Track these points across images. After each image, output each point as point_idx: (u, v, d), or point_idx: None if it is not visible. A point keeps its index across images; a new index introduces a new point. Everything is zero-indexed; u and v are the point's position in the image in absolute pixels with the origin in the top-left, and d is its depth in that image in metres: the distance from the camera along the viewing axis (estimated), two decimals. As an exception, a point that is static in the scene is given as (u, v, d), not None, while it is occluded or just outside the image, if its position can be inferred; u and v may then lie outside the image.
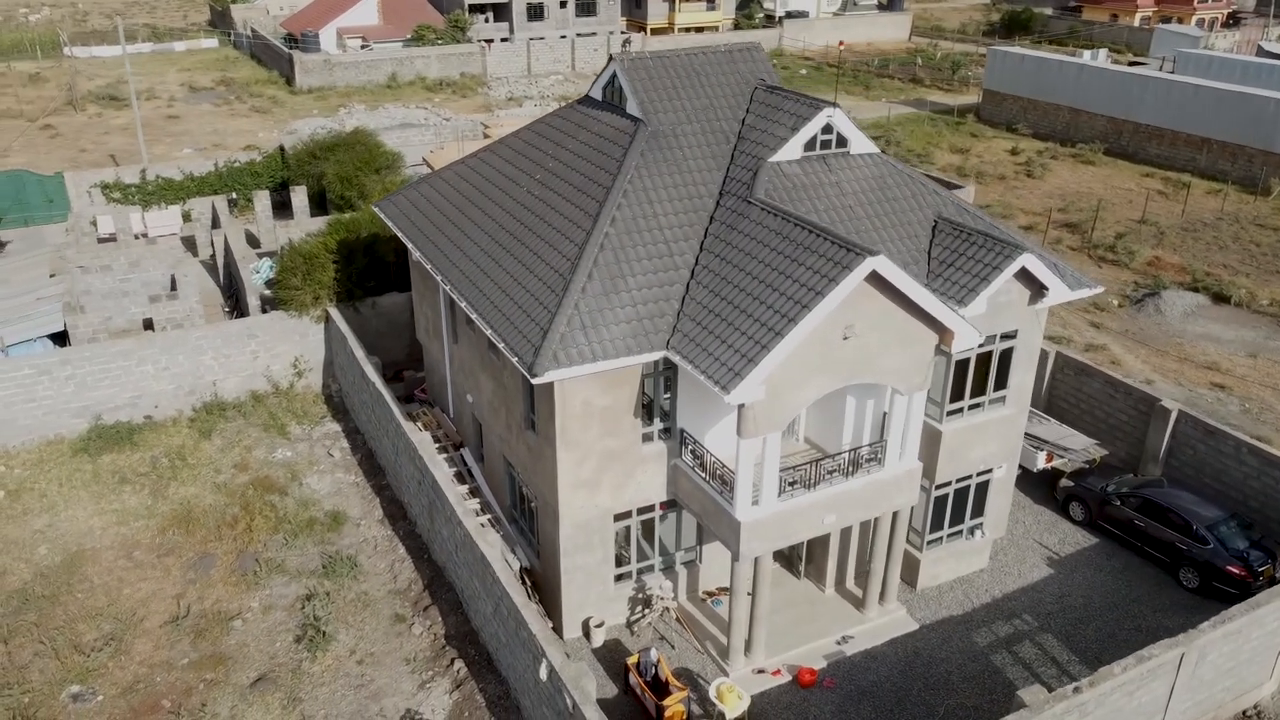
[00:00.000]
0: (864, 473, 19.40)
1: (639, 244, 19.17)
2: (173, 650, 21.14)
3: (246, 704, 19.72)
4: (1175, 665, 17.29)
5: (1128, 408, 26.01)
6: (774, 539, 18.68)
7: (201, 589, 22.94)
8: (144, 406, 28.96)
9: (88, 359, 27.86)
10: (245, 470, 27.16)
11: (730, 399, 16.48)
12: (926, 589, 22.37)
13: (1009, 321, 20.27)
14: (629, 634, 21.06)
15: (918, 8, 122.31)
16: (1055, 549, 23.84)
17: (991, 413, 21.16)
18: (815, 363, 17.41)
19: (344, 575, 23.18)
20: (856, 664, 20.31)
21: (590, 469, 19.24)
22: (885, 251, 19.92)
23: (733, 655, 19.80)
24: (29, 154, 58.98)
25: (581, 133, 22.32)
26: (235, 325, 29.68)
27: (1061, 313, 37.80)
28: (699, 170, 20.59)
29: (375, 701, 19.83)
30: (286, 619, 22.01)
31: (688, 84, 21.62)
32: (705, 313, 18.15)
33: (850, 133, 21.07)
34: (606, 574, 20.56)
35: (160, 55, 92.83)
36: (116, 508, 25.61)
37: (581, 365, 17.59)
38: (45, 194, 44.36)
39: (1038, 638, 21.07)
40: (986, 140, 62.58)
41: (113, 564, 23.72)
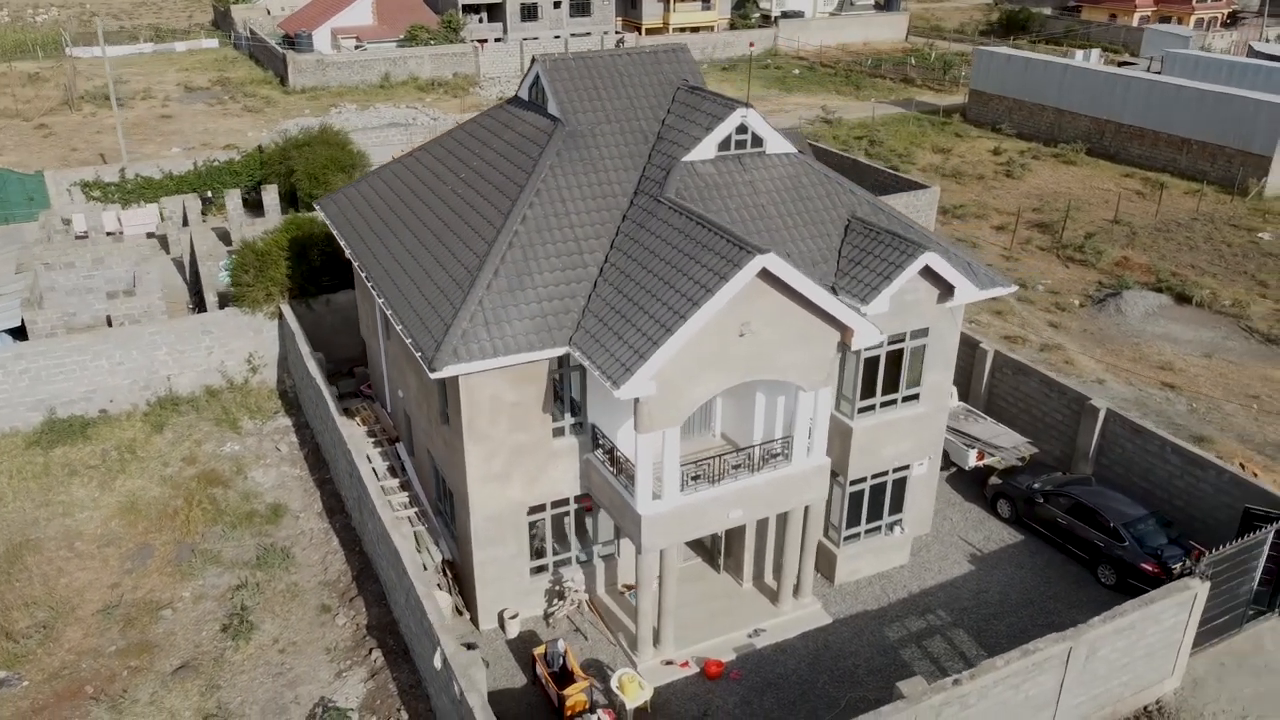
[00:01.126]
0: (770, 468, 19.67)
1: (549, 242, 19.52)
2: (102, 638, 21.64)
3: (166, 690, 20.20)
4: (1063, 659, 17.49)
5: (1062, 406, 26.16)
6: (676, 533, 18.99)
7: (137, 579, 23.45)
8: (99, 401, 29.53)
9: (42, 353, 28.45)
10: (193, 464, 27.68)
11: (620, 394, 16.80)
12: (844, 584, 22.62)
13: (918, 319, 20.50)
14: (545, 626, 21.42)
15: (919, 7, 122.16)
16: (979, 546, 24.04)
17: (905, 410, 21.38)
18: (711, 359, 17.70)
19: (276, 566, 23.64)
20: (766, 656, 20.59)
21: (500, 463, 19.61)
22: (795, 250, 20.29)
23: (641, 647, 20.13)
24: (21, 153, 59.94)
25: (506, 132, 22.70)
26: (190, 321, 30.23)
27: (1021, 312, 37.93)
28: (615, 170, 20.92)
29: (291, 689, 20.27)
30: (216, 609, 22.49)
31: (609, 85, 21.95)
32: (608, 309, 18.49)
33: (765, 133, 21.36)
34: (522, 566, 20.92)
35: (161, 55, 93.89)
36: (63, 499, 26.17)
37: (482, 361, 17.96)
38: (26, 192, 45.09)
39: (949, 633, 21.30)
40: (970, 140, 62.58)
41: (54, 554, 24.26)
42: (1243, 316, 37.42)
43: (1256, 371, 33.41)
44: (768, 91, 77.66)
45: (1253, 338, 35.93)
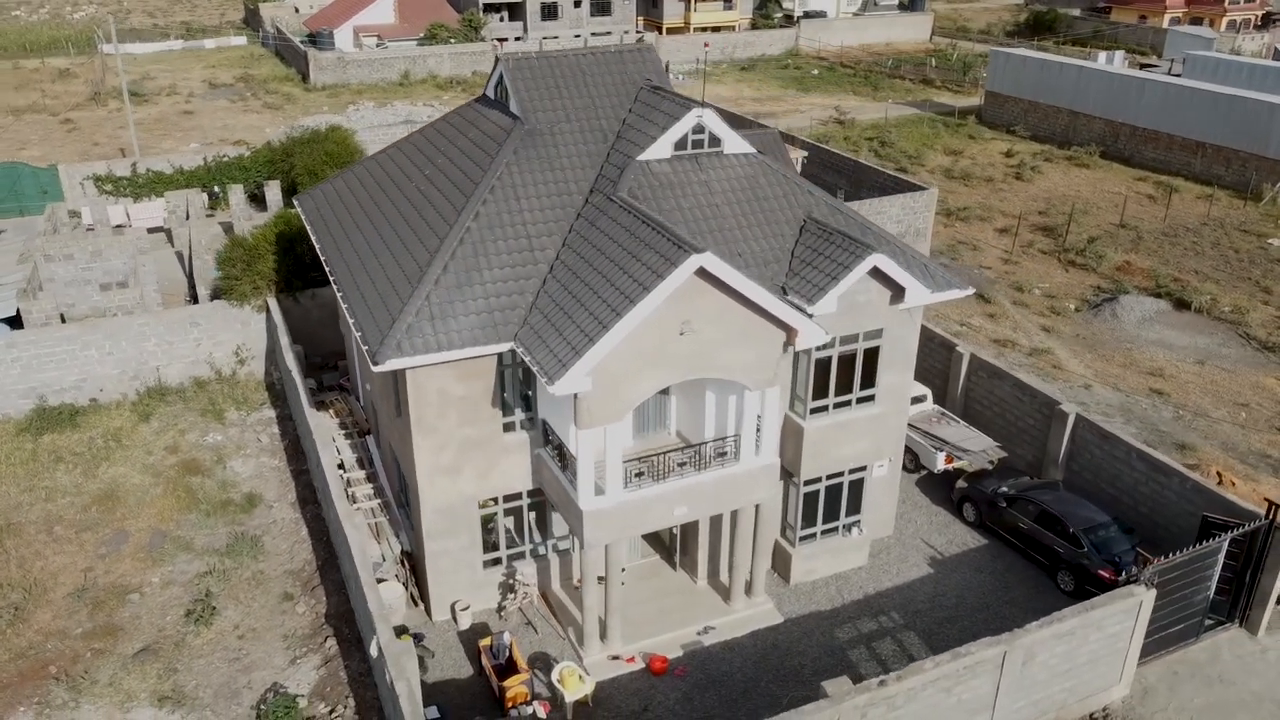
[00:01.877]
0: (718, 466, 19.76)
1: (500, 239, 19.75)
2: (69, 620, 22.19)
3: (125, 672, 20.69)
4: (998, 663, 17.43)
5: (1033, 411, 25.98)
6: (620, 529, 19.14)
7: (110, 563, 24.01)
8: (89, 389, 30.23)
9: (33, 342, 29.19)
10: (175, 453, 28.26)
11: (554, 390, 17.00)
12: (800, 584, 22.65)
13: (871, 321, 20.47)
14: (499, 618, 21.67)
15: (947, 8, 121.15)
16: (941, 549, 23.95)
17: (860, 411, 21.36)
18: (652, 356, 17.83)
19: (244, 554, 24.10)
20: (713, 654, 20.69)
21: (450, 456, 19.87)
22: (747, 249, 20.37)
23: (588, 641, 20.31)
24: (44, 146, 61.31)
25: (471, 130, 22.97)
26: (178, 313, 30.85)
27: (1015, 315, 37.63)
28: (572, 168, 21.10)
29: (246, 674, 20.68)
30: (182, 594, 22.97)
31: (571, 84, 22.13)
32: (553, 306, 18.69)
33: (723, 133, 21.42)
34: (474, 559, 21.18)
35: (190, 52, 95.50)
36: (47, 485, 26.83)
37: (426, 355, 18.23)
38: (40, 185, 46.22)
39: (901, 635, 21.26)
40: (984, 142, 62.03)
41: (33, 538, 24.89)
42: (1241, 323, 36.85)
43: (1249, 379, 32.90)
44: (785, 91, 77.47)
45: (1249, 345, 35.38)
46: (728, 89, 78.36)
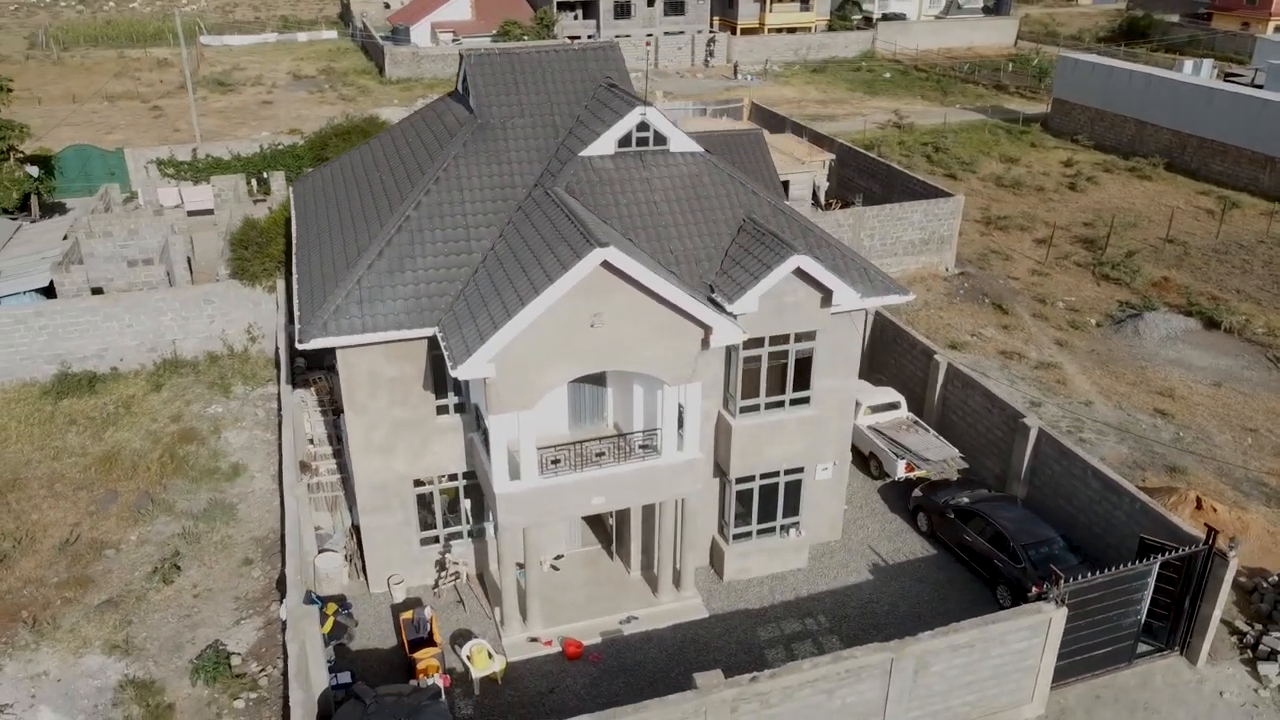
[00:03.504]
0: (638, 459, 20.09)
1: (439, 228, 20.48)
2: (49, 570, 23.84)
3: (87, 621, 22.15)
4: (885, 670, 17.35)
5: (1001, 423, 25.48)
6: (534, 513, 19.65)
7: (96, 520, 25.65)
8: (110, 359, 32.21)
9: (60, 312, 31.27)
10: (176, 421, 29.92)
11: (457, 374, 17.63)
12: (734, 581, 22.78)
13: (802, 323, 20.46)
14: (433, 595, 22.43)
15: (1042, 12, 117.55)
16: (887, 557, 23.74)
17: (793, 412, 21.36)
18: (562, 347, 18.28)
19: (217, 520, 25.44)
20: (631, 643, 21.03)
21: (382, 435, 20.70)
22: (680, 247, 20.65)
23: (507, 622, 20.89)
24: (130, 131, 64.94)
25: (435, 123, 23.79)
26: (194, 290, 32.60)
27: (1031, 327, 36.70)
28: (520, 162, 21.69)
29: (192, 630, 21.93)
30: (154, 553, 24.41)
31: (530, 80, 22.71)
32: (475, 294, 19.32)
33: (669, 131, 21.70)
34: (410, 536, 21.98)
35: (282, 45, 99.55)
36: (57, 445, 28.75)
37: (350, 336, 19.08)
38: (108, 167, 49.11)
39: (822, 639, 21.22)
40: (1045, 150, 60.27)
41: (35, 493, 26.74)
42: (1272, 345, 35.18)
43: (1264, 404, 31.45)
44: (851, 94, 76.58)
45: (1276, 368, 33.76)
46: (794, 90, 77.88)
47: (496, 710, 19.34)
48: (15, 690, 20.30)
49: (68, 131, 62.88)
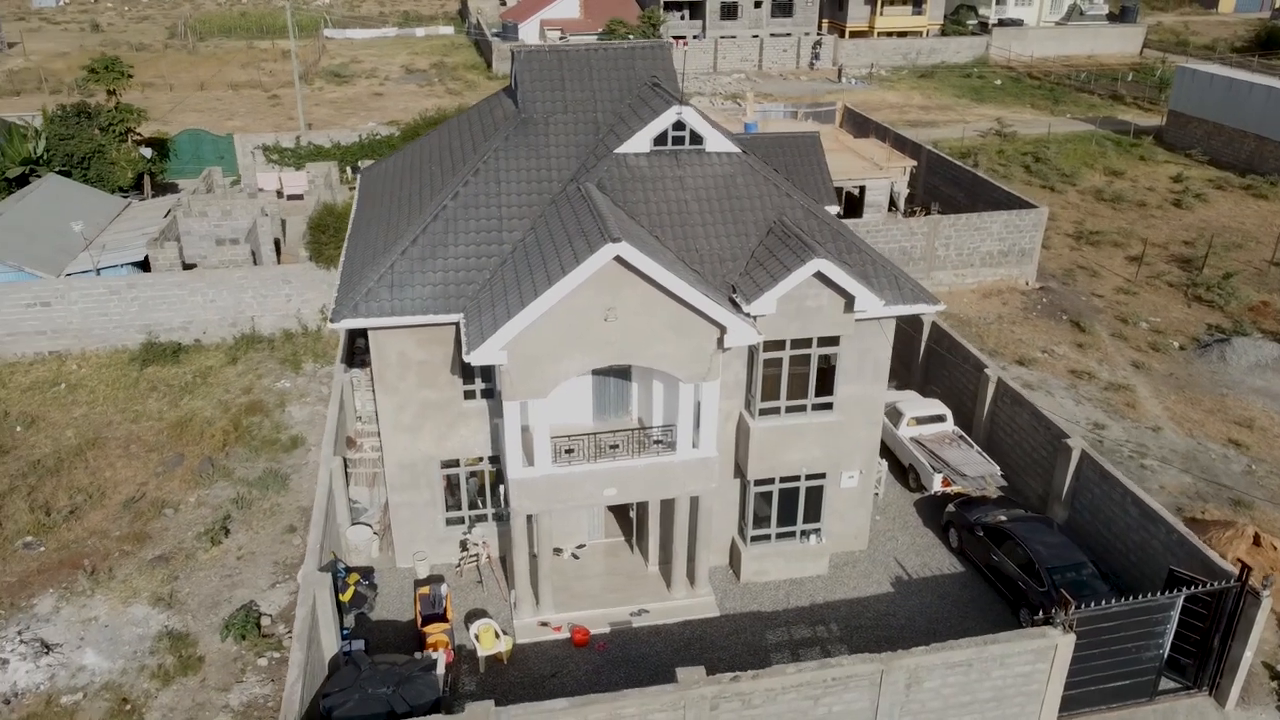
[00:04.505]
0: (652, 454, 20.32)
1: (473, 218, 21.10)
2: (113, 524, 25.54)
3: (139, 573, 23.68)
4: (874, 681, 17.15)
5: (1046, 443, 24.68)
6: (546, 500, 20.08)
7: (162, 481, 27.32)
8: (194, 331, 34.17)
9: (150, 285, 33.36)
10: (247, 393, 31.57)
11: (470, 359, 18.21)
12: (751, 583, 22.75)
13: (824, 327, 20.29)
14: (456, 574, 23.12)
15: (1176, 20, 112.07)
16: (913, 571, 23.32)
17: (814, 417, 21.22)
18: (575, 339, 18.66)
19: (270, 488, 26.78)
20: (638, 635, 21.27)
21: (410, 415, 21.48)
22: (706, 246, 20.79)
23: (519, 605, 21.40)
24: (248, 118, 68.33)
25: (487, 117, 24.47)
26: (272, 271, 34.29)
27: (1108, 347, 35.29)
28: (558, 157, 22.14)
29: (231, 590, 23.19)
30: (208, 515, 25.87)
31: (575, 78, 23.13)
32: (499, 283, 19.87)
33: (705, 131, 21.80)
34: (435, 515, 22.72)
35: (401, 40, 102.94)
36: (137, 409, 30.72)
37: (379, 318, 19.87)
38: (218, 151, 51.93)
39: (831, 646, 21.03)
40: (1154, 165, 57.62)
41: (111, 452, 28.66)
42: (1372, 380, 32.96)
43: (1352, 441, 29.53)
44: (957, 101, 74.68)
45: (1373, 404, 31.63)
46: (898, 95, 76.43)
47: (498, 688, 19.85)
48: (67, 632, 21.86)
49: (192, 116, 66.66)
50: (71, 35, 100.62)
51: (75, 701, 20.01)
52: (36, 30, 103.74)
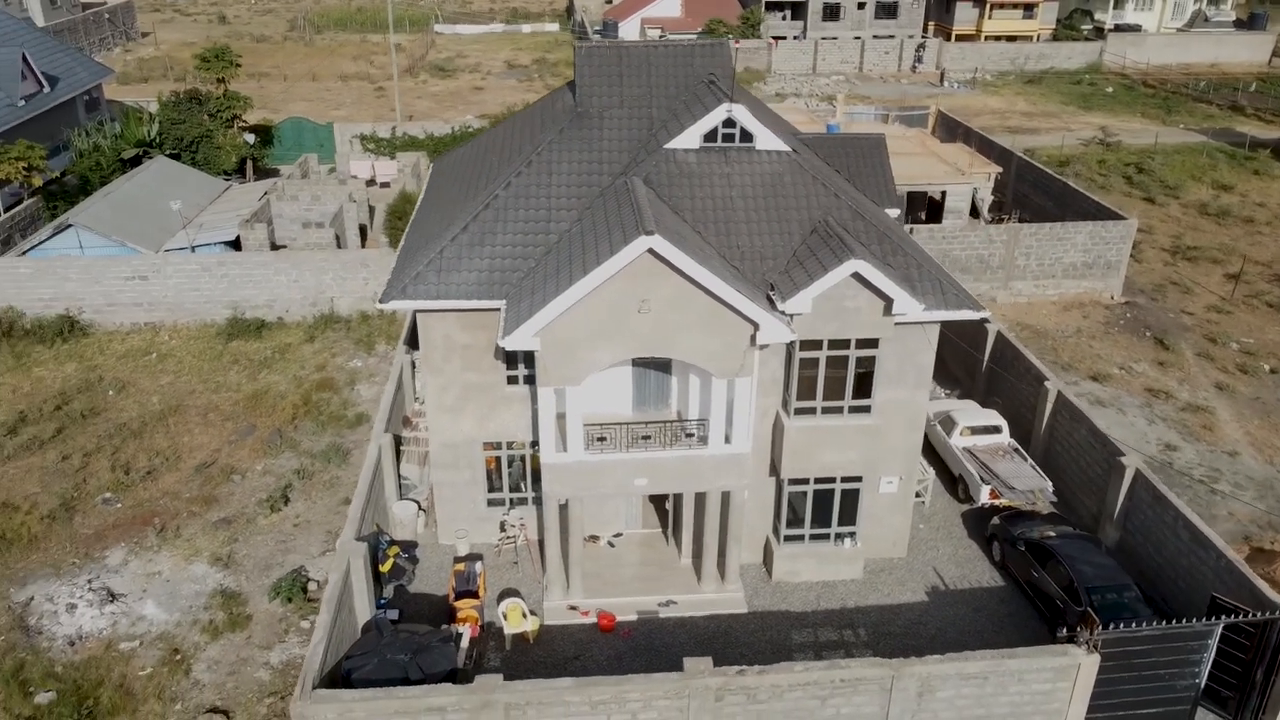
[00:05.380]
0: (684, 447, 20.52)
1: (522, 208, 21.64)
2: (184, 486, 27.04)
3: (202, 534, 25.04)
4: (884, 686, 17.02)
5: (1101, 460, 23.93)
6: (577, 486, 20.49)
7: (233, 449, 28.78)
8: (278, 309, 35.79)
9: (238, 264, 35.09)
10: (320, 371, 32.92)
11: (504, 344, 18.74)
12: (782, 582, 22.72)
13: (862, 329, 20.13)
14: (495, 554, 23.74)
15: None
16: (951, 582, 22.92)
17: (850, 419, 21.06)
18: (608, 329, 18.99)
19: (331, 462, 27.94)
20: (664, 626, 21.50)
21: (454, 396, 22.17)
22: (748, 244, 20.91)
23: (550, 588, 21.87)
24: (352, 108, 70.83)
25: (549, 110, 25.01)
26: (352, 254, 35.66)
27: (1191, 367, 33.87)
28: (611, 151, 22.50)
29: (284, 555, 24.31)
30: (271, 483, 27.15)
31: (633, 74, 23.45)
32: (540, 272, 20.36)
33: (756, 129, 21.85)
34: (477, 495, 23.37)
35: (506, 36, 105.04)
36: (218, 380, 32.38)
37: (425, 301, 20.61)
38: (318, 139, 54.06)
39: (856, 651, 20.86)
40: (1269, 180, 54.78)
41: (191, 419, 30.31)
42: None
43: None
44: (1063, 108, 72.31)
45: None
46: (1001, 101, 74.45)
47: (521, 666, 20.35)
48: (132, 584, 23.30)
49: (300, 105, 69.51)
50: (200, 26, 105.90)
51: (132, 648, 21.32)
52: (169, 21, 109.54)
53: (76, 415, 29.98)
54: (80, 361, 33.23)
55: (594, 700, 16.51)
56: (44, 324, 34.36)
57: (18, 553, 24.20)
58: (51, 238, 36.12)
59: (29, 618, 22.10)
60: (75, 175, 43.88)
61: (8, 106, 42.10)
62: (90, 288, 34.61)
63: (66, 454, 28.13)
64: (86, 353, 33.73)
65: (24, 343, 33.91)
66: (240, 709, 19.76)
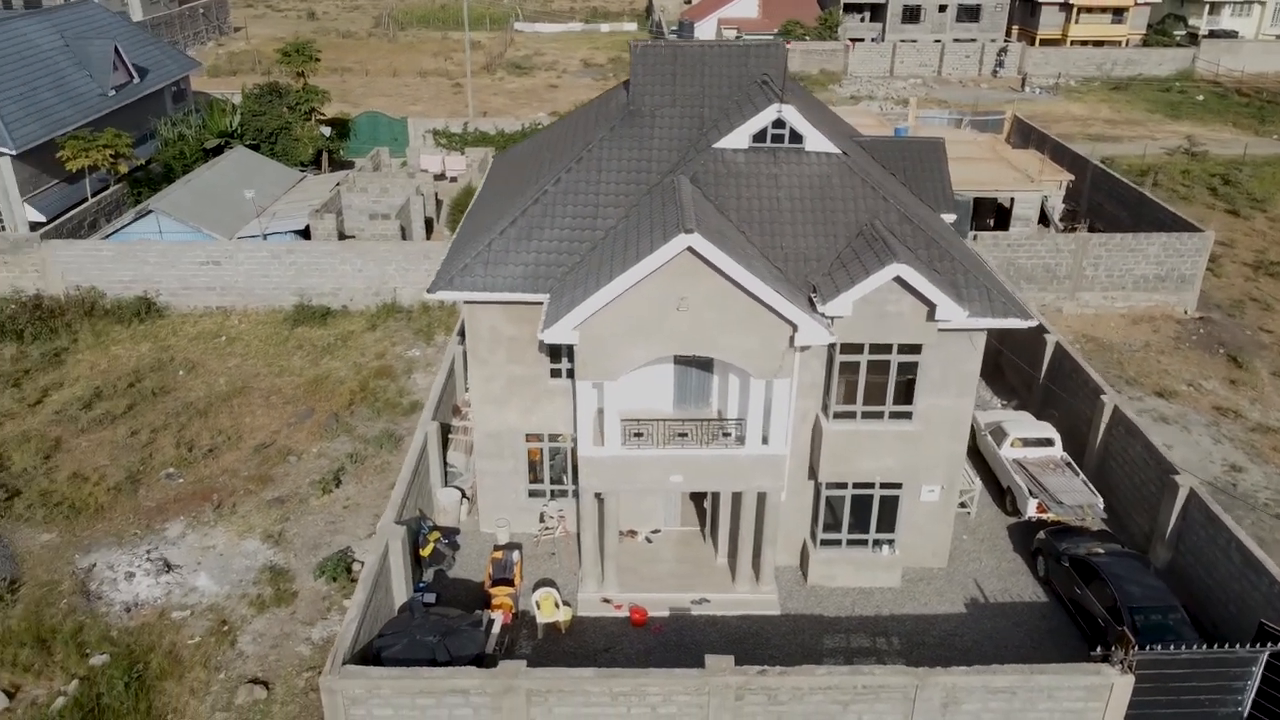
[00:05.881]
0: (720, 446, 20.57)
1: (570, 204, 21.91)
2: (243, 465, 27.99)
3: (256, 511, 25.91)
4: (907, 696, 16.85)
5: (1155, 478, 23.26)
6: (613, 480, 20.66)
7: (291, 431, 29.68)
8: (342, 297, 36.77)
9: (306, 252, 36.15)
10: (379, 358, 33.74)
11: (542, 337, 19.02)
12: (817, 586, 22.59)
13: (904, 334, 19.91)
14: (534, 544, 24.07)
15: None
16: (991, 595, 22.52)
17: (890, 425, 20.84)
18: (646, 326, 19.12)
19: (384, 447, 28.63)
20: (694, 623, 21.57)
21: (498, 387, 22.56)
22: (792, 245, 20.87)
23: (585, 580, 22.10)
24: (429, 104, 72.25)
25: (604, 107, 25.24)
26: (415, 246, 36.43)
27: (1266, 386, 32.64)
28: (660, 149, 22.62)
29: (332, 536, 25.02)
30: (325, 466, 27.94)
31: (687, 73, 23.52)
32: (584, 268, 20.59)
33: (806, 131, 21.76)
34: (518, 485, 23.74)
35: (585, 35, 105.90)
36: (282, 364, 33.42)
37: (470, 292, 21.02)
38: (393, 133, 55.31)
39: (888, 659, 20.64)
40: (1365, 194, 52.35)
41: (254, 401, 31.35)
42: None
43: None
44: (1149, 116, 70.12)
45: None
46: (1084, 108, 72.53)
47: (552, 655, 20.63)
48: (188, 556, 24.23)
49: (379, 100, 71.08)
50: (290, 21, 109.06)
51: (183, 618, 22.19)
52: (261, 16, 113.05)
53: (147, 393, 31.25)
54: (154, 342, 34.61)
55: (614, 691, 16.69)
56: (123, 304, 35.87)
57: (85, 521, 25.35)
58: (133, 222, 37.69)
59: (91, 583, 23.15)
60: (160, 163, 45.67)
61: (99, 96, 43.99)
62: (166, 271, 36.00)
63: (136, 429, 29.35)
64: (161, 333, 35.12)
65: (104, 322, 35.45)
66: (280, 681, 20.42)
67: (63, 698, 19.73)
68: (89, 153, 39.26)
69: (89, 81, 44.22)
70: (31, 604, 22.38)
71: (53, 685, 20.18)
